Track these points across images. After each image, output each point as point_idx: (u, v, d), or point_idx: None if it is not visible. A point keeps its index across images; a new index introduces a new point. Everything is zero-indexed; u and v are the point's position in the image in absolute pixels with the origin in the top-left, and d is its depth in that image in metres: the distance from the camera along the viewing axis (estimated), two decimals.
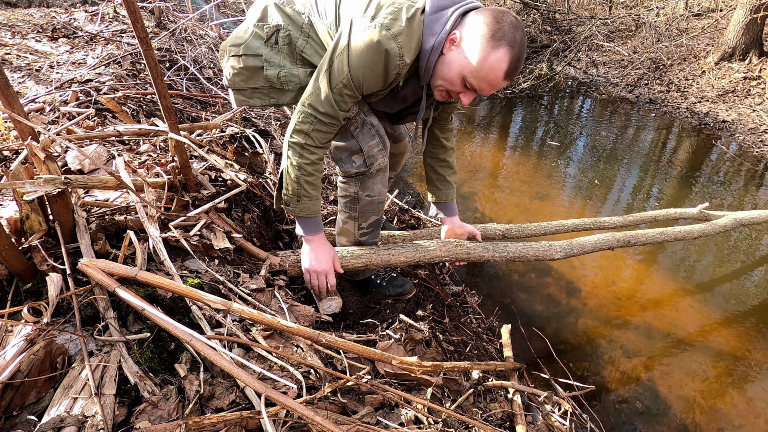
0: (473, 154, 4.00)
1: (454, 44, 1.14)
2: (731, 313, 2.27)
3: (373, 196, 1.44)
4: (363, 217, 1.48)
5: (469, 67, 1.13)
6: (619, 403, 1.79)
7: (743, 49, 5.58)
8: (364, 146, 1.34)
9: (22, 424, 0.81)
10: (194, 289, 1.01)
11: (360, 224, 1.50)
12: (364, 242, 1.56)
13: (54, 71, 2.44)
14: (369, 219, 1.50)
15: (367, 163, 1.36)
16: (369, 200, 1.44)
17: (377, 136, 1.36)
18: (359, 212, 1.47)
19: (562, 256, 1.83)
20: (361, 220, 1.49)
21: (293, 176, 1.29)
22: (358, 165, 1.37)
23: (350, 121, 1.33)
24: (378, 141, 1.36)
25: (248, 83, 1.37)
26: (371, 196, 1.44)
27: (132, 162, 1.55)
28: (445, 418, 1.13)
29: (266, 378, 0.94)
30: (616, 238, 2.04)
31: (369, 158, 1.36)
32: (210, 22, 4.69)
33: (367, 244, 1.57)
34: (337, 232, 1.59)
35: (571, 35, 7.00)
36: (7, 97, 1.06)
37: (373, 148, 1.36)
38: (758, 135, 4.50)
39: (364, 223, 1.50)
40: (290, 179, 1.30)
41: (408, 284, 1.66)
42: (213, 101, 2.86)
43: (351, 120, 1.33)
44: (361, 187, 1.42)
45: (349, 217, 1.50)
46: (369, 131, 1.35)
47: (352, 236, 1.54)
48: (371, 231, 1.54)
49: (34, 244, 1.00)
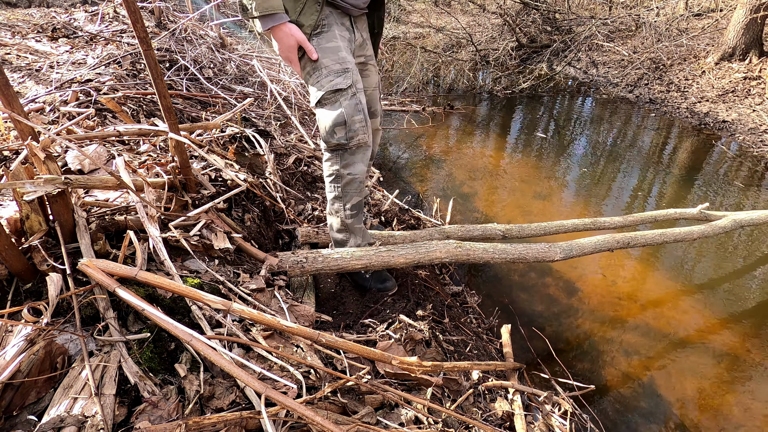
0: (473, 154, 4.00)
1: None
2: (731, 313, 2.26)
3: (354, 174, 1.50)
4: (347, 196, 1.55)
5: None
6: (619, 403, 1.79)
7: (743, 49, 5.58)
8: (348, 118, 1.40)
9: (22, 424, 0.81)
10: (194, 289, 1.01)
11: (344, 205, 1.56)
12: (350, 225, 1.61)
13: (54, 71, 2.44)
14: (352, 200, 1.55)
15: (347, 135, 1.42)
16: (351, 178, 1.50)
17: (362, 113, 1.42)
18: (343, 191, 1.54)
19: (561, 257, 1.83)
20: (345, 200, 1.55)
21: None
22: (339, 137, 1.42)
23: (342, 91, 1.38)
24: (362, 117, 1.42)
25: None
26: (352, 174, 1.50)
27: (132, 162, 1.55)
28: (445, 418, 1.13)
29: (266, 378, 0.94)
30: (616, 239, 2.04)
31: (350, 131, 1.41)
32: (210, 22, 4.70)
33: (354, 228, 1.62)
34: (328, 212, 1.64)
35: (571, 35, 7.00)
36: (7, 97, 1.06)
37: (355, 123, 1.41)
38: (758, 135, 4.50)
39: (348, 204, 1.56)
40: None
41: (391, 281, 1.71)
42: (213, 101, 2.86)
43: (343, 91, 1.38)
44: (343, 164, 1.48)
45: (335, 198, 1.56)
46: (356, 106, 1.41)
47: (340, 217, 1.59)
48: (356, 213, 1.59)
49: (34, 244, 1.00)
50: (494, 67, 6.71)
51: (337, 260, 1.52)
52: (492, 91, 5.97)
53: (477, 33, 7.88)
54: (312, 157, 2.80)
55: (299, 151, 2.79)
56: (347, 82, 1.38)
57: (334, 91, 1.39)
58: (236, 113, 2.37)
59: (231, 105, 2.86)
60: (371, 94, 1.70)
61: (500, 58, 6.82)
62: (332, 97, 1.40)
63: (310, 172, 2.63)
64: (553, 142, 4.39)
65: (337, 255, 1.53)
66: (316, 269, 1.51)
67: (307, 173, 2.61)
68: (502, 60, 6.84)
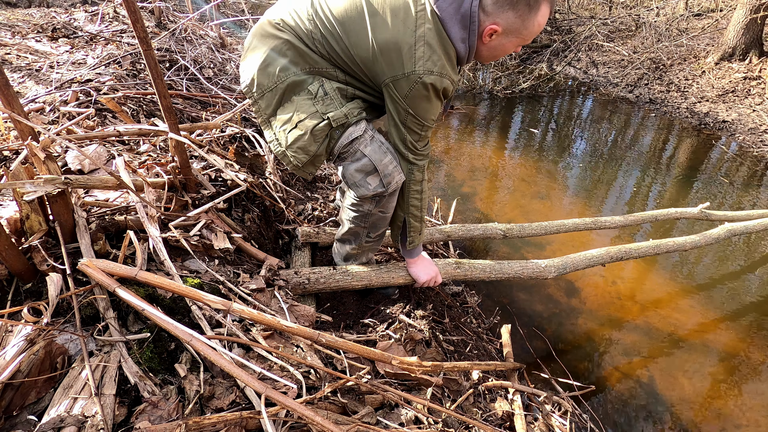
0: (473, 154, 4.00)
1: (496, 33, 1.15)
2: (731, 313, 2.26)
3: (386, 213, 1.43)
4: (373, 228, 1.49)
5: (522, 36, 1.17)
6: (619, 403, 1.79)
7: (743, 49, 5.58)
8: (378, 164, 1.27)
9: (22, 424, 0.81)
10: (194, 289, 1.01)
11: (369, 233, 1.51)
12: (369, 246, 1.58)
13: (54, 71, 2.44)
14: (379, 230, 1.51)
15: (384, 182, 1.30)
16: (381, 216, 1.43)
17: (389, 153, 1.30)
18: (370, 225, 1.47)
19: (555, 275, 1.86)
20: (371, 230, 1.49)
21: (419, 216, 1.43)
22: (375, 186, 1.30)
23: (357, 140, 1.27)
24: (392, 158, 1.29)
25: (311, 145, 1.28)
26: (384, 212, 1.42)
27: (132, 162, 1.55)
28: (445, 418, 1.13)
29: (266, 378, 0.94)
30: (609, 254, 2.04)
31: (385, 177, 1.29)
32: (210, 22, 4.69)
33: (370, 249, 1.61)
34: (339, 238, 1.58)
35: (571, 35, 7.00)
36: (7, 97, 1.06)
37: (387, 166, 1.28)
38: (758, 135, 4.50)
39: (373, 233, 1.51)
40: (414, 223, 1.44)
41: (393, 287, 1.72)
42: (213, 101, 2.86)
43: (358, 139, 1.27)
44: (377, 206, 1.39)
45: (357, 227, 1.48)
46: (380, 147, 1.28)
47: (359, 241, 1.54)
48: (377, 239, 1.56)
49: (34, 244, 1.00)
50: (494, 67, 6.71)
51: (338, 281, 1.55)
52: (492, 91, 5.97)
53: None
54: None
55: None
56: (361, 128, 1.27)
57: (351, 142, 1.27)
58: (236, 113, 2.36)
59: (231, 105, 2.86)
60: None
61: (500, 58, 6.81)
62: (349, 148, 1.28)
63: None
64: (554, 142, 4.39)
65: (338, 276, 1.55)
66: (318, 289, 1.53)
67: None
68: (502, 60, 6.83)
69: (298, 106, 1.24)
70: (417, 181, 1.36)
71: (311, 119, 1.23)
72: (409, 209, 1.41)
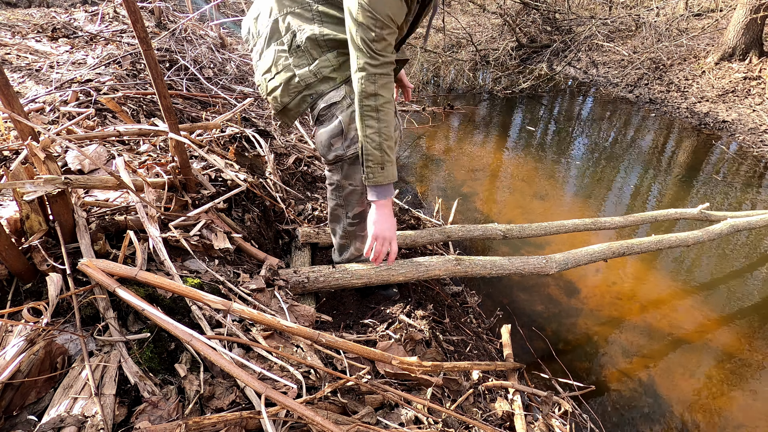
0: (473, 155, 4.00)
1: None
2: (731, 313, 2.26)
3: (356, 185, 1.44)
4: (349, 206, 1.50)
5: None
6: (619, 403, 1.79)
7: (743, 49, 5.58)
8: (345, 127, 1.32)
9: (22, 424, 0.81)
10: (194, 289, 1.01)
11: (347, 213, 1.52)
12: (352, 232, 1.57)
13: (54, 71, 2.44)
14: (354, 209, 1.50)
15: (344, 146, 1.34)
16: (352, 189, 1.45)
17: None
18: (344, 200, 1.49)
19: (557, 270, 1.85)
20: (348, 209, 1.51)
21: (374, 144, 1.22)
22: (336, 148, 1.36)
23: (336, 105, 1.32)
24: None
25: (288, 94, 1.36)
26: (354, 185, 1.44)
27: (132, 162, 1.55)
28: (445, 418, 1.13)
29: (266, 378, 0.94)
30: (612, 249, 2.04)
31: (346, 141, 1.34)
32: (210, 22, 4.69)
33: (355, 235, 1.58)
34: (330, 219, 1.60)
35: (571, 35, 7.00)
36: (7, 97, 1.06)
37: (353, 131, 1.32)
38: (758, 135, 4.50)
39: (350, 212, 1.52)
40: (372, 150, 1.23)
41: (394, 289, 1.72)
42: (213, 101, 2.86)
43: (336, 104, 1.32)
44: (343, 175, 1.43)
45: (337, 205, 1.52)
46: (352, 115, 1.30)
47: (342, 224, 1.56)
48: (358, 222, 1.54)
49: (34, 244, 1.00)
50: (494, 67, 6.71)
51: (338, 279, 1.54)
52: (492, 91, 5.97)
53: (477, 33, 7.88)
54: (312, 157, 2.80)
55: (299, 151, 2.79)
56: (340, 94, 1.31)
57: (329, 106, 1.33)
58: (236, 113, 2.37)
59: (231, 105, 2.86)
60: None
61: (500, 58, 6.82)
62: (328, 112, 1.34)
63: (310, 172, 2.63)
64: (554, 142, 4.39)
65: (338, 274, 1.54)
66: (317, 288, 1.52)
67: (307, 173, 2.61)
68: (502, 60, 6.84)
69: (276, 56, 1.33)
70: (369, 95, 1.18)
71: (285, 72, 1.32)
72: (365, 130, 1.21)
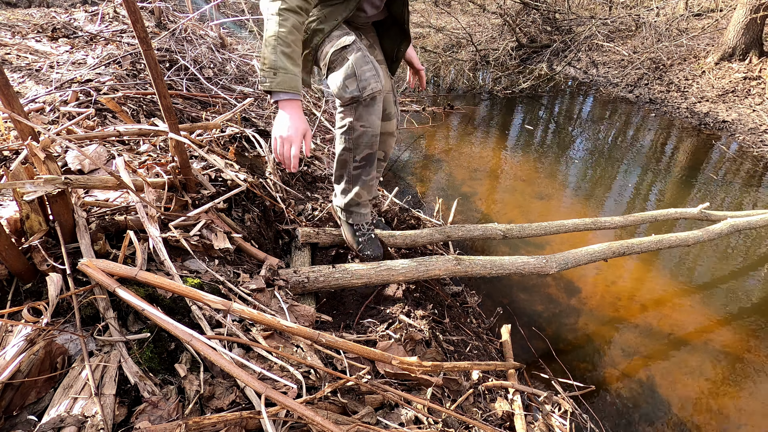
0: (473, 154, 4.00)
1: None
2: (731, 313, 2.26)
3: (367, 127, 1.49)
4: (358, 149, 1.54)
5: None
6: (619, 403, 1.79)
7: (743, 49, 5.58)
8: (357, 69, 1.40)
9: (22, 424, 0.81)
10: (194, 289, 1.01)
11: (354, 156, 1.56)
12: (357, 175, 1.61)
13: (54, 71, 2.44)
14: (363, 152, 1.55)
15: (359, 86, 1.41)
16: (363, 131, 1.49)
17: (370, 63, 1.43)
18: (354, 143, 1.53)
19: (557, 269, 1.85)
20: (356, 152, 1.55)
21: (270, 47, 1.24)
22: (351, 89, 1.42)
23: (348, 47, 1.41)
24: (371, 66, 1.42)
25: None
26: (365, 126, 1.49)
27: (132, 162, 1.55)
28: (445, 418, 1.13)
29: (266, 378, 0.94)
30: (612, 249, 2.04)
31: (362, 82, 1.41)
32: (210, 22, 4.69)
33: (359, 179, 1.61)
34: (336, 167, 1.63)
35: (571, 35, 7.00)
36: (7, 97, 1.06)
37: (365, 72, 1.41)
38: (758, 135, 4.49)
39: (358, 156, 1.56)
40: (267, 52, 1.25)
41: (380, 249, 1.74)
42: (213, 101, 2.86)
43: (349, 46, 1.41)
44: (356, 117, 1.47)
45: (345, 149, 1.56)
46: (363, 58, 1.42)
47: (347, 168, 1.60)
48: (363, 165, 1.58)
49: (34, 244, 1.00)
50: (494, 67, 6.71)
51: (338, 279, 1.54)
52: (492, 91, 5.97)
53: (477, 33, 7.88)
54: (312, 157, 2.80)
55: None
56: (351, 38, 1.42)
57: (341, 49, 1.41)
58: (236, 113, 2.36)
59: (231, 105, 2.86)
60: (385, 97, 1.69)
61: (500, 58, 6.82)
62: (339, 56, 1.41)
63: (310, 172, 2.63)
64: (554, 142, 4.39)
65: (338, 274, 1.55)
66: (317, 288, 1.52)
67: (307, 173, 2.61)
68: (502, 60, 6.84)
69: None
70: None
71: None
72: (265, 33, 1.26)
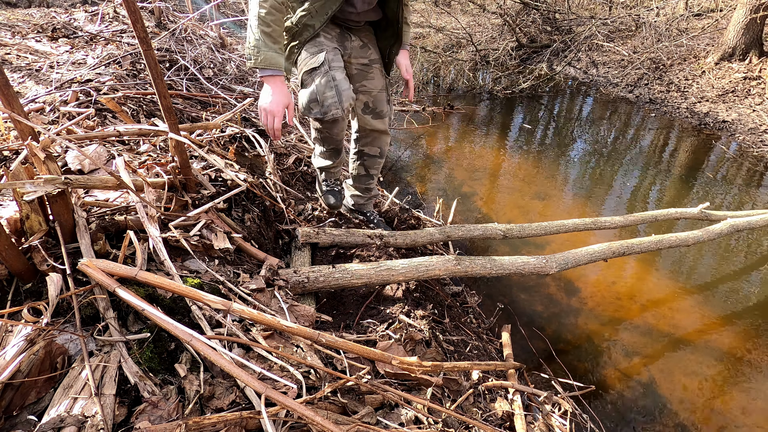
0: (473, 154, 4.00)
1: None
2: (731, 312, 2.26)
3: (330, 134, 1.71)
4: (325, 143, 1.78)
5: None
6: (619, 403, 1.79)
7: (743, 49, 5.58)
8: (320, 96, 1.50)
9: (22, 424, 0.81)
10: (194, 289, 1.01)
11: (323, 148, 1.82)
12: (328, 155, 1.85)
13: (54, 71, 2.44)
14: (330, 146, 1.79)
15: (321, 111, 1.53)
16: (327, 135, 1.72)
17: (334, 89, 1.50)
18: (321, 142, 1.78)
19: (557, 270, 1.85)
20: (324, 144, 1.80)
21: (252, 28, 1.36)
22: (315, 112, 1.55)
23: (316, 70, 1.50)
24: (334, 93, 1.50)
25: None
26: (329, 134, 1.71)
27: (132, 162, 1.55)
28: (445, 418, 1.13)
29: (266, 378, 0.94)
30: (612, 249, 2.04)
31: (324, 108, 1.52)
32: (210, 22, 4.69)
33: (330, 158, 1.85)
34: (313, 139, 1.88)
35: (571, 35, 7.00)
36: (7, 97, 1.06)
37: (327, 99, 1.50)
38: (758, 135, 4.49)
39: (326, 147, 1.81)
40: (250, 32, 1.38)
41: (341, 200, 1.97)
42: (213, 101, 2.86)
43: (317, 69, 1.50)
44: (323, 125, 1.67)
45: (316, 139, 1.81)
46: (328, 83, 1.50)
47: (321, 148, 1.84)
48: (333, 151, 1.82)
49: (34, 244, 1.00)
50: (494, 67, 6.71)
51: (338, 279, 1.55)
52: (492, 91, 5.97)
53: (477, 33, 7.88)
54: (312, 157, 2.80)
55: (299, 151, 2.79)
56: (319, 60, 1.50)
57: (310, 71, 1.51)
58: (236, 113, 2.36)
59: (231, 105, 2.86)
60: (377, 95, 1.77)
61: (500, 58, 6.82)
62: (309, 77, 1.51)
63: (310, 172, 2.63)
64: (554, 142, 4.39)
65: (338, 274, 1.55)
66: (317, 288, 1.53)
67: (307, 173, 2.61)
68: (502, 60, 6.84)
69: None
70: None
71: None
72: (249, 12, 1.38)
